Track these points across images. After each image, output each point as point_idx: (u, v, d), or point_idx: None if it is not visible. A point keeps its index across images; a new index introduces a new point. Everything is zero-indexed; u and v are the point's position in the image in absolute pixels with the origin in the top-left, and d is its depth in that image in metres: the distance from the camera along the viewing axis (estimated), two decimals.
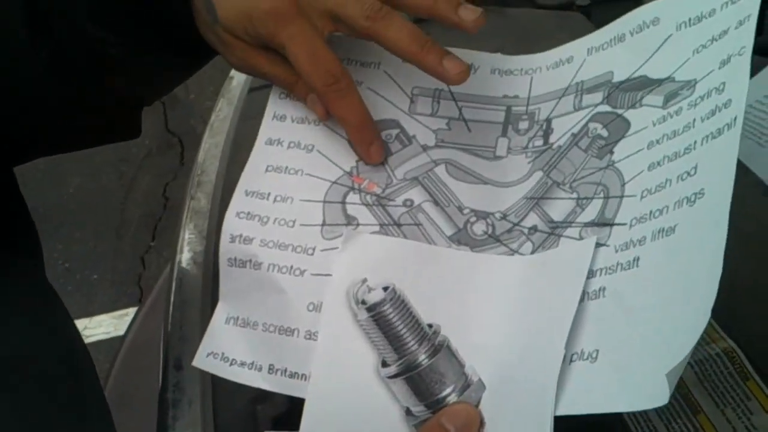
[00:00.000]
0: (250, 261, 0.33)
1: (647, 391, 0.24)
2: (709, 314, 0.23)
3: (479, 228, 0.33)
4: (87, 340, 1.54)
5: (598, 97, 0.34)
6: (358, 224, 0.34)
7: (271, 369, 0.31)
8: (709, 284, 0.24)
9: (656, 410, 0.33)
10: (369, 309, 0.30)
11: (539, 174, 0.34)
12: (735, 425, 0.31)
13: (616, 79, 0.33)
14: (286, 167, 0.36)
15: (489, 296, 0.30)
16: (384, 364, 0.30)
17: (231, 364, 0.32)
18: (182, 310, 0.46)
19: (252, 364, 0.32)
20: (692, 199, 0.26)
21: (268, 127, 0.37)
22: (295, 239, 0.33)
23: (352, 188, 0.35)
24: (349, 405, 0.30)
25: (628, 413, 0.33)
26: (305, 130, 0.36)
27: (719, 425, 0.31)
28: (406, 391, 0.29)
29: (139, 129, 0.40)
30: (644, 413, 0.33)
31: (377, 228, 0.34)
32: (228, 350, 0.32)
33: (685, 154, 0.27)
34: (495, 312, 0.29)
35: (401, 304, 0.30)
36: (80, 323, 1.43)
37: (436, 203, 0.34)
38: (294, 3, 0.32)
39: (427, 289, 0.31)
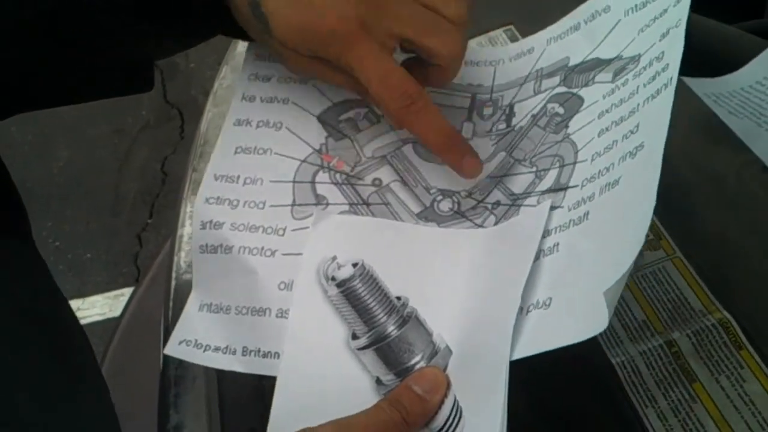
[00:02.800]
0: (221, 246, 0.34)
1: (591, 319, 0.26)
2: (643, 240, 0.26)
3: (445, 205, 0.35)
4: (81, 322, 1.55)
5: (555, 80, 0.36)
6: (327, 204, 0.34)
7: (245, 351, 0.32)
8: (642, 215, 0.26)
9: (654, 379, 0.34)
10: (339, 285, 0.31)
11: (502, 155, 0.35)
12: (729, 393, 0.32)
13: (572, 63, 0.36)
14: (255, 147, 0.36)
15: (454, 267, 0.31)
16: (354, 337, 0.31)
17: (204, 350, 0.32)
18: (185, 286, 0.46)
19: (226, 348, 0.32)
20: (633, 153, 0.28)
21: (236, 108, 0.37)
22: (266, 220, 0.34)
23: (322, 167, 0.35)
24: (321, 379, 0.31)
25: (627, 380, 0.34)
26: (274, 108, 0.37)
27: (714, 393, 0.32)
28: (376, 362, 0.30)
29: (152, 81, 0.38)
30: (643, 382, 0.34)
31: (347, 207, 0.34)
32: (201, 337, 0.33)
33: (630, 117, 0.30)
34: (459, 281, 0.31)
35: (370, 278, 0.31)
36: (73, 304, 1.41)
37: (404, 183, 0.35)
38: (361, 20, 0.30)
39: (396, 264, 0.32)
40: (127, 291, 1.41)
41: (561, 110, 0.34)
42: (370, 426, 0.27)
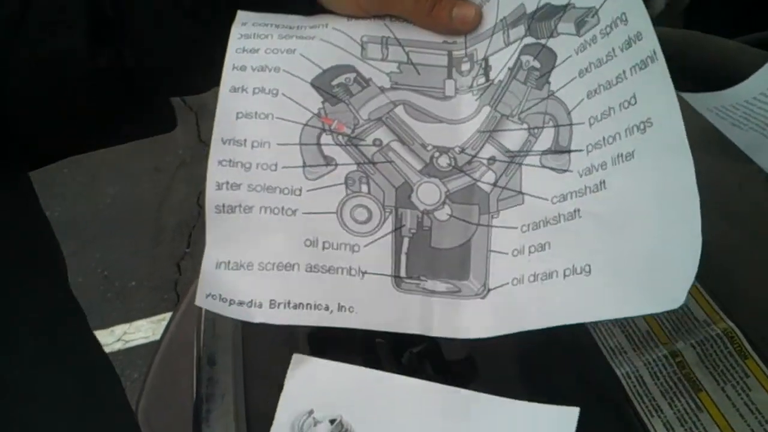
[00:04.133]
0: (240, 206, 0.35)
1: (653, 292, 0.27)
2: (699, 234, 0.27)
3: (443, 161, 0.36)
4: (126, 345, 1.60)
5: (521, 30, 0.36)
6: (336, 164, 0.36)
7: (273, 303, 0.33)
8: (689, 204, 0.27)
9: (659, 389, 0.34)
10: None
11: (487, 108, 0.36)
12: (734, 401, 0.33)
13: (528, 10, 0.36)
14: (256, 113, 0.37)
15: (434, 428, 0.31)
16: None
17: (230, 304, 0.34)
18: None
19: (251, 302, 0.34)
20: (641, 128, 0.29)
21: (229, 77, 0.38)
22: (281, 182, 0.35)
23: (324, 129, 0.37)
24: None
25: (632, 390, 0.35)
26: (266, 77, 0.38)
27: (720, 402, 0.33)
28: None
29: (175, 121, 0.43)
30: (648, 392, 0.34)
31: (355, 167, 0.36)
32: (225, 292, 0.34)
33: (618, 83, 0.31)
34: None
35: None
36: (120, 329, 1.48)
37: (403, 142, 0.37)
38: None
39: (377, 419, 0.32)
40: (169, 315, 1.47)
41: (537, 64, 0.35)
42: None
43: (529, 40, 0.36)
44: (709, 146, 0.43)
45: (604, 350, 0.37)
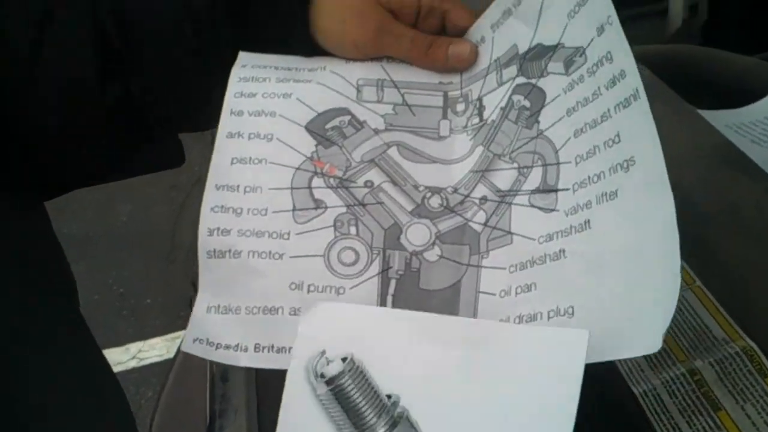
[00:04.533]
0: (230, 251, 0.36)
1: (631, 335, 0.27)
2: (678, 274, 0.27)
3: (435, 201, 0.36)
4: (141, 363, 1.60)
5: (513, 70, 0.37)
6: (326, 207, 0.36)
7: (257, 347, 0.34)
8: (667, 242, 0.27)
9: (677, 407, 0.34)
10: (328, 382, 0.31)
11: (480, 149, 0.37)
12: (754, 420, 0.32)
13: (521, 51, 0.37)
14: (250, 158, 0.38)
15: (447, 363, 0.30)
16: None
17: (216, 348, 0.34)
18: None
19: (237, 346, 0.34)
20: (625, 166, 0.30)
21: (226, 122, 0.39)
22: (270, 226, 0.36)
23: (315, 173, 0.37)
24: None
25: (650, 409, 0.34)
26: (262, 121, 0.39)
27: (739, 420, 0.32)
28: None
29: (183, 156, 0.44)
30: (666, 411, 0.34)
31: (344, 209, 0.36)
32: (212, 336, 0.35)
33: (603, 122, 0.31)
34: (453, 380, 0.30)
35: (360, 375, 0.31)
36: (135, 346, 1.49)
37: (394, 183, 0.37)
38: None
39: (386, 356, 0.31)
40: (183, 333, 1.47)
41: (527, 103, 0.36)
42: None
43: (521, 80, 0.37)
44: (727, 163, 0.43)
45: (621, 369, 0.36)
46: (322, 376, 0.31)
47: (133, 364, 1.42)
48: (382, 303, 0.34)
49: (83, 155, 0.40)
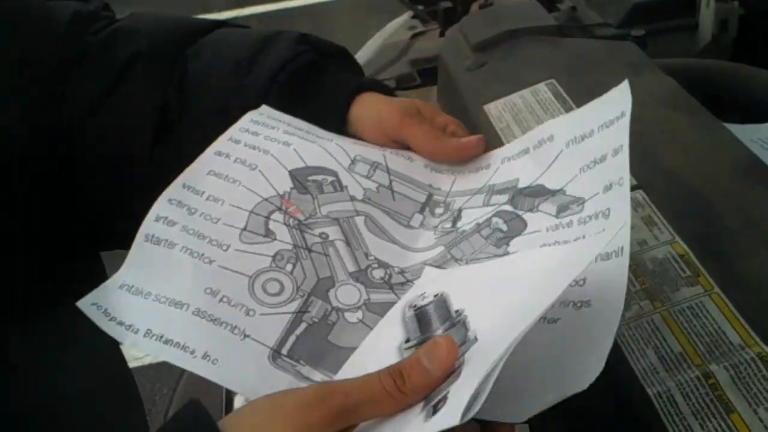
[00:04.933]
0: (166, 241, 0.37)
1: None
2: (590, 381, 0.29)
3: (378, 273, 0.38)
4: (157, 360, 1.63)
5: (504, 198, 0.39)
6: (274, 239, 0.38)
7: (148, 333, 0.35)
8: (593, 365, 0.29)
9: (690, 409, 0.35)
10: (416, 308, 0.35)
11: (442, 248, 0.39)
12: (767, 423, 0.33)
13: (521, 185, 0.39)
14: (227, 176, 0.40)
15: (509, 281, 0.34)
16: (407, 341, 0.34)
17: (110, 320, 0.35)
18: None
19: (130, 326, 0.35)
20: (578, 305, 0.31)
21: (220, 144, 0.42)
22: (215, 234, 0.38)
23: (279, 208, 0.39)
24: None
25: (663, 410, 0.35)
26: (254, 154, 0.41)
27: (752, 423, 0.33)
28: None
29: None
30: (679, 412, 0.35)
31: (290, 247, 0.38)
32: (111, 308, 0.36)
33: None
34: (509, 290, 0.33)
35: (443, 304, 0.34)
36: None
37: (347, 244, 0.39)
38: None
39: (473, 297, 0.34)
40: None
41: (504, 227, 0.38)
42: (354, 393, 0.28)
43: (508, 207, 0.39)
44: (751, 175, 0.43)
45: (637, 370, 0.37)
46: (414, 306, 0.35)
47: (149, 360, 1.43)
48: (284, 339, 0.36)
49: (130, 217, 0.41)
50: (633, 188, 0.46)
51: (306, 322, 0.37)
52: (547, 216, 0.36)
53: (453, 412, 0.26)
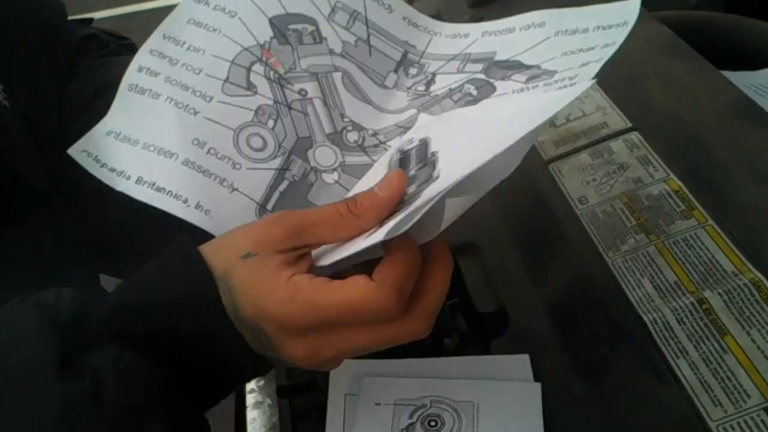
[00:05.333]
0: (151, 90, 0.38)
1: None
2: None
3: (352, 137, 0.39)
4: None
5: (478, 67, 0.40)
6: (255, 93, 0.38)
7: (140, 180, 0.36)
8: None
9: (685, 333, 0.36)
10: (401, 152, 0.36)
11: (413, 111, 0.40)
12: (759, 344, 0.34)
13: (497, 58, 0.39)
14: (206, 24, 0.40)
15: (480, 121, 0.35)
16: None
17: (102, 166, 0.36)
18: None
19: (122, 172, 0.36)
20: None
21: None
22: (197, 84, 0.38)
23: (260, 59, 0.39)
24: None
25: (659, 335, 0.36)
26: (234, 0, 0.41)
27: (745, 344, 0.34)
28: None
29: None
30: (674, 336, 0.36)
31: (271, 102, 0.39)
32: (102, 155, 0.36)
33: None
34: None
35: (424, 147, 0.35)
36: None
37: (325, 103, 0.39)
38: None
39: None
40: None
41: (475, 92, 0.38)
42: (310, 215, 0.31)
43: (481, 76, 0.39)
44: (744, 116, 0.44)
45: (633, 300, 0.38)
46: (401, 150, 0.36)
47: None
48: (269, 194, 0.37)
49: None
50: (628, 130, 0.47)
51: (288, 180, 0.38)
52: (515, 83, 0.37)
53: (381, 232, 0.29)
